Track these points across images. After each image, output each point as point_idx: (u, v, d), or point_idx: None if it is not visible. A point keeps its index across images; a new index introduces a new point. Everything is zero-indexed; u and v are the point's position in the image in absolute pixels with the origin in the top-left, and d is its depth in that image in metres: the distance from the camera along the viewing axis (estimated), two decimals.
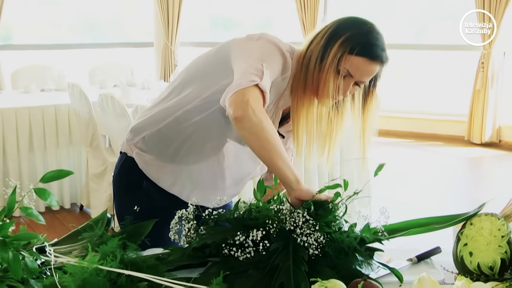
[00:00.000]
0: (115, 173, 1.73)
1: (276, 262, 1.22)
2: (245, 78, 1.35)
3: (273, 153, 1.35)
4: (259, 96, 1.35)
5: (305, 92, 1.50)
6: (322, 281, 1.11)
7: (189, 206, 1.37)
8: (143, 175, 1.65)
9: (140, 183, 1.65)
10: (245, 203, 1.38)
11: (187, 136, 1.59)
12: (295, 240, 1.26)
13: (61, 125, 4.17)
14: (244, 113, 1.31)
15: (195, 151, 1.60)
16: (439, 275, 1.35)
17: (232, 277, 1.20)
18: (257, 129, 1.33)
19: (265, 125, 1.33)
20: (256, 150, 1.36)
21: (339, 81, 1.47)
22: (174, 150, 1.61)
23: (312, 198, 1.33)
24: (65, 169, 1.31)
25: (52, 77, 5.38)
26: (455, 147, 6.61)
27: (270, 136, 1.34)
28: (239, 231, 1.26)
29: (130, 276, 1.16)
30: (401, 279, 1.28)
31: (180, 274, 1.27)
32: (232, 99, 1.34)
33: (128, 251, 1.27)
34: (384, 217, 1.32)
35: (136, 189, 1.66)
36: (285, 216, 1.30)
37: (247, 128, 1.33)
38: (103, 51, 7.13)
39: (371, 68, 1.48)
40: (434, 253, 1.47)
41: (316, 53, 1.48)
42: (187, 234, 1.35)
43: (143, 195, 1.65)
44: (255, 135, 1.33)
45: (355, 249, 1.27)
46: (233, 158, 1.65)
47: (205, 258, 1.32)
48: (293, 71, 1.51)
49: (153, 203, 1.64)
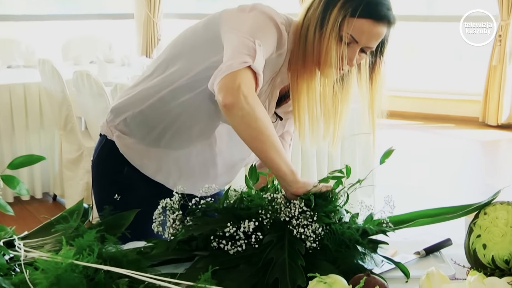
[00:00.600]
0: (94, 158, 1.73)
1: (270, 256, 1.23)
2: (236, 59, 1.34)
3: (266, 145, 1.34)
4: (252, 80, 1.34)
5: (305, 65, 1.49)
6: (320, 276, 1.11)
7: (174, 194, 1.37)
8: (124, 160, 1.65)
9: (121, 169, 1.65)
10: (236, 191, 1.38)
11: (173, 118, 1.58)
12: (291, 232, 1.27)
13: (31, 106, 4.16)
14: (235, 101, 1.30)
15: (182, 134, 1.60)
16: (449, 269, 1.36)
17: (222, 272, 1.20)
18: (249, 118, 1.31)
19: (258, 113, 1.32)
20: (247, 141, 1.36)
21: (343, 49, 1.45)
22: (159, 133, 1.61)
23: (311, 191, 1.33)
24: (36, 154, 1.31)
25: (20, 52, 5.34)
26: (469, 130, 6.64)
27: (264, 126, 1.33)
28: (229, 222, 1.27)
29: (109, 272, 1.16)
30: (407, 274, 1.29)
31: (165, 270, 1.28)
32: (222, 83, 1.32)
33: (107, 244, 1.27)
34: (389, 207, 1.33)
35: (117, 175, 1.66)
36: (280, 206, 1.30)
37: (238, 117, 1.32)
38: (77, 23, 7.08)
39: (378, 31, 1.46)
40: (444, 246, 1.48)
41: (315, 20, 1.46)
42: (172, 225, 1.35)
43: (124, 183, 1.65)
44: (246, 124, 1.33)
45: (357, 241, 1.28)
46: (226, 142, 1.64)
47: (192, 252, 1.32)
48: (290, 45, 1.50)
49: (135, 192, 1.64)
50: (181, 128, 1.59)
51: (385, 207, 1.33)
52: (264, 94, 1.55)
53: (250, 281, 1.21)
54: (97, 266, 1.15)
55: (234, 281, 1.20)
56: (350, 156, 3.57)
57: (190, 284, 1.12)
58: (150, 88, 1.60)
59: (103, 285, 1.14)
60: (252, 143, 1.35)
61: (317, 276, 1.11)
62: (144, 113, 1.61)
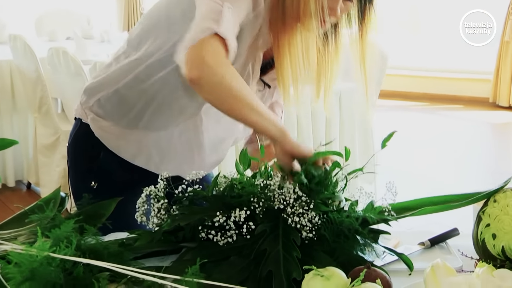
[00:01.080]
0: (69, 143, 1.73)
1: (263, 247, 1.23)
2: (199, 27, 1.34)
3: (245, 111, 1.35)
4: (219, 47, 1.33)
5: (285, 22, 1.47)
6: (317, 269, 1.12)
7: (159, 181, 1.37)
8: (101, 144, 1.65)
9: (98, 154, 1.66)
10: (226, 178, 1.38)
11: (151, 96, 1.58)
12: (285, 221, 1.27)
13: (2, 86, 4.14)
14: (200, 74, 1.31)
15: (162, 114, 1.60)
16: (456, 261, 1.37)
17: (211, 265, 1.21)
18: (219, 89, 1.33)
19: (228, 81, 1.33)
20: (225, 111, 1.38)
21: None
22: (136, 114, 1.61)
23: (303, 155, 1.35)
24: (8, 138, 1.31)
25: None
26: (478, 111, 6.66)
27: (238, 93, 1.34)
28: (219, 211, 1.27)
29: (89, 265, 1.16)
30: (411, 267, 1.30)
31: (149, 263, 1.28)
32: (186, 57, 1.33)
33: (86, 235, 1.27)
34: (391, 194, 1.33)
35: (93, 161, 1.66)
36: (274, 193, 1.31)
37: (207, 91, 1.34)
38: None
39: None
40: (451, 236, 1.49)
41: None
42: (156, 215, 1.35)
43: (101, 169, 1.65)
44: (218, 95, 1.35)
45: (356, 231, 1.29)
46: (214, 120, 1.64)
47: (178, 244, 1.33)
48: (269, 3, 1.49)
49: (115, 178, 1.64)
50: (160, 107, 1.59)
51: (387, 194, 1.34)
52: (247, 59, 1.54)
53: (241, 274, 1.21)
54: (75, 259, 1.15)
55: (224, 275, 1.20)
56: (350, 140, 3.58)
57: (176, 278, 1.12)
58: (124, 66, 1.59)
59: (82, 279, 1.15)
60: (231, 112, 1.37)
61: (313, 268, 1.12)
62: (119, 93, 1.60)
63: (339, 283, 1.11)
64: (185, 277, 1.10)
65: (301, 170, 1.36)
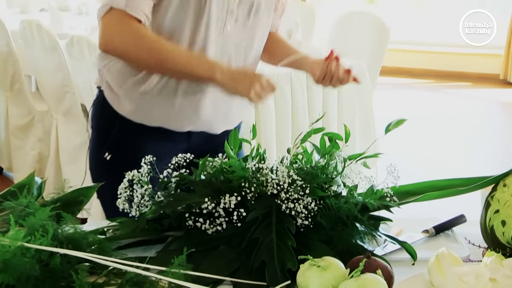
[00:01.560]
0: (90, 113, 1.83)
1: (255, 236, 1.24)
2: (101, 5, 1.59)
3: (165, 63, 1.60)
4: (115, 20, 1.58)
5: None
6: (313, 259, 1.12)
7: (142, 165, 1.37)
8: (115, 113, 1.74)
9: (113, 124, 1.75)
10: (215, 161, 1.39)
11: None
12: (279, 208, 1.28)
13: None
14: (105, 48, 1.63)
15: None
16: (463, 250, 1.38)
17: (199, 255, 1.21)
18: (127, 57, 1.63)
19: (129, 49, 1.59)
20: (150, 70, 1.64)
21: None
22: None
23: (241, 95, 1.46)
24: None
25: None
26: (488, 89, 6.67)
27: (145, 53, 1.60)
28: (207, 197, 1.28)
29: (67, 256, 1.17)
30: (414, 256, 1.31)
31: (132, 253, 1.29)
32: (99, 29, 1.61)
33: (63, 224, 1.27)
34: (393, 178, 1.34)
35: (109, 131, 1.75)
36: (267, 177, 1.31)
37: (120, 59, 1.66)
38: None
39: None
40: (457, 223, 1.50)
41: None
42: (140, 202, 1.36)
43: (116, 139, 1.74)
44: (127, 60, 1.65)
45: (355, 218, 1.29)
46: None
47: (164, 233, 1.33)
48: None
49: (127, 151, 1.71)
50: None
51: (388, 178, 1.34)
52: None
53: (231, 265, 1.22)
54: (52, 249, 1.15)
55: (212, 266, 1.21)
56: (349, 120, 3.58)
57: (161, 269, 1.13)
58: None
59: (60, 271, 1.15)
60: (153, 70, 1.65)
61: (309, 258, 1.13)
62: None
63: (337, 274, 1.12)
64: (170, 268, 1.11)
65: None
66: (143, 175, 1.37)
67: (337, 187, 1.35)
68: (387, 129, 1.41)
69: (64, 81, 3.40)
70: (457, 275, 1.13)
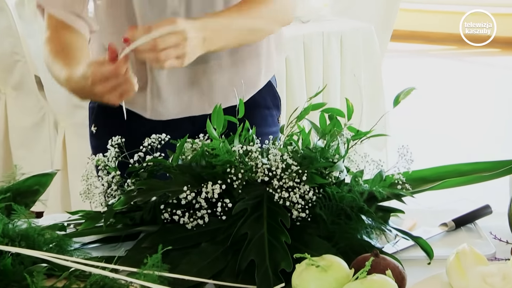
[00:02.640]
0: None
1: (243, 231, 1.25)
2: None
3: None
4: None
5: None
6: (312, 258, 1.13)
7: (108, 148, 1.38)
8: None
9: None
10: (195, 143, 1.39)
11: None
12: (271, 198, 1.28)
13: None
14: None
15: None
16: (487, 246, 1.38)
17: (176, 254, 1.22)
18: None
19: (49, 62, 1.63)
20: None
21: None
22: None
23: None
24: None
25: None
26: None
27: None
28: (186, 186, 1.28)
29: (19, 255, 1.17)
30: (430, 254, 1.32)
31: (97, 252, 1.29)
32: None
33: (15, 218, 1.28)
34: (405, 161, 1.35)
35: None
36: (256, 161, 1.32)
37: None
38: None
39: None
40: (481, 215, 1.51)
41: None
42: (106, 192, 1.36)
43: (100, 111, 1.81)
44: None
45: (361, 209, 1.30)
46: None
47: (135, 228, 1.34)
48: None
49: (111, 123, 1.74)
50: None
51: (400, 162, 1.35)
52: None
53: (215, 265, 1.23)
54: (1, 247, 1.16)
55: (192, 266, 1.21)
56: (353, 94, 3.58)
57: (132, 270, 1.13)
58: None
59: (11, 273, 1.16)
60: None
61: (307, 257, 1.13)
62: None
63: (339, 275, 1.12)
64: (143, 269, 1.11)
65: None
66: (110, 160, 1.37)
67: (339, 173, 1.35)
68: (395, 100, 1.41)
69: (14, 48, 3.38)
70: (481, 276, 1.14)
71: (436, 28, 7.05)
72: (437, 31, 7.04)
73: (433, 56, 6.76)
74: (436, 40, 7.00)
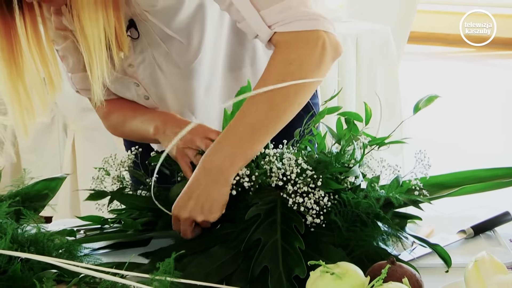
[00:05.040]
0: None
1: (256, 237, 1.25)
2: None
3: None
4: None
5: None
6: (326, 265, 1.13)
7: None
8: None
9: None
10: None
11: None
12: (285, 203, 1.28)
13: None
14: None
15: None
16: (507, 255, 1.38)
17: (187, 258, 1.23)
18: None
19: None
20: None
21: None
22: None
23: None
24: None
25: None
26: None
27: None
28: None
29: (29, 261, 1.17)
30: (448, 262, 1.31)
31: (108, 258, 1.30)
32: None
33: (25, 223, 1.28)
34: (422, 166, 1.34)
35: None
36: (270, 165, 1.32)
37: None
38: None
39: None
40: (500, 222, 1.50)
41: None
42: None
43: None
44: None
45: (377, 216, 1.30)
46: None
47: (146, 233, 1.35)
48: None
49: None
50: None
51: (417, 167, 1.34)
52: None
53: (224, 269, 1.23)
54: (11, 253, 1.16)
55: (201, 269, 1.22)
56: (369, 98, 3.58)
57: (144, 276, 1.13)
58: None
59: (20, 279, 1.16)
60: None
61: (321, 264, 1.13)
62: None
63: (355, 283, 1.12)
64: (155, 275, 1.11)
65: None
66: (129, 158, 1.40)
67: (355, 178, 1.35)
68: (416, 107, 1.41)
69: None
70: (500, 285, 1.13)
71: (454, 30, 7.01)
72: (455, 32, 7.00)
73: (450, 59, 6.73)
74: (453, 42, 6.96)
